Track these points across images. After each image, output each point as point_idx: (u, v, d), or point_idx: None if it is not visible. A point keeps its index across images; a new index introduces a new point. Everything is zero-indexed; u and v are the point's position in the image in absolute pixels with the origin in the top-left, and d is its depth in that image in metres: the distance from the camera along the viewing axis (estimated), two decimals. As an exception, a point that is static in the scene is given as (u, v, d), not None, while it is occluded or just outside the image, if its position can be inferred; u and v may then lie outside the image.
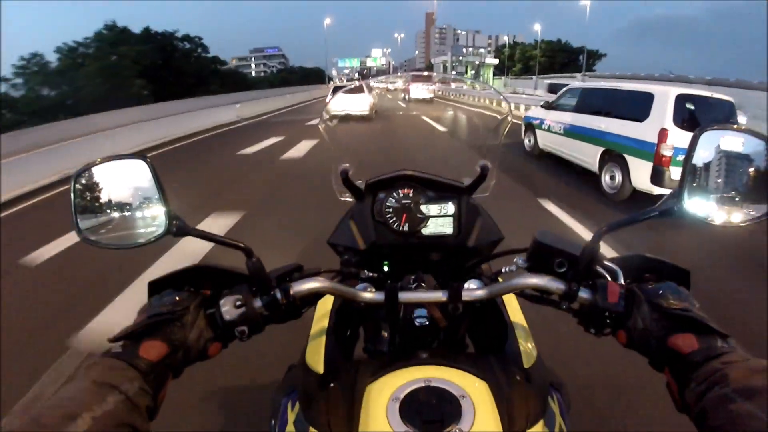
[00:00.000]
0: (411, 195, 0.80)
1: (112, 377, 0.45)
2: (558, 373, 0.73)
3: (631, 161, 4.81)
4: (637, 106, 4.96)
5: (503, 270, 0.73)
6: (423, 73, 27.69)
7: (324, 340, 0.72)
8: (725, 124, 0.56)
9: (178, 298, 0.56)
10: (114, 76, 26.97)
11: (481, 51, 72.29)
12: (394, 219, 0.79)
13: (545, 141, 7.15)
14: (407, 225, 0.79)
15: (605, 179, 5.27)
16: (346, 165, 0.78)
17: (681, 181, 0.55)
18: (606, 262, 0.60)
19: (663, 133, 4.43)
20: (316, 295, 0.65)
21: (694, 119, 4.55)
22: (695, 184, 0.56)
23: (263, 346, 1.63)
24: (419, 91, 23.20)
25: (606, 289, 0.56)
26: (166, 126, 11.60)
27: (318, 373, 0.67)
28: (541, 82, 27.39)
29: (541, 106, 7.33)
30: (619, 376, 2.05)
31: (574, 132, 6.10)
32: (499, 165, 0.86)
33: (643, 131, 4.71)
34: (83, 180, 0.58)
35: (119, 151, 1.33)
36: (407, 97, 23.47)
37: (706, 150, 0.55)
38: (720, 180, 0.56)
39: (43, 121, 12.23)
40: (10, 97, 24.76)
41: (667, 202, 0.56)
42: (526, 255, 0.65)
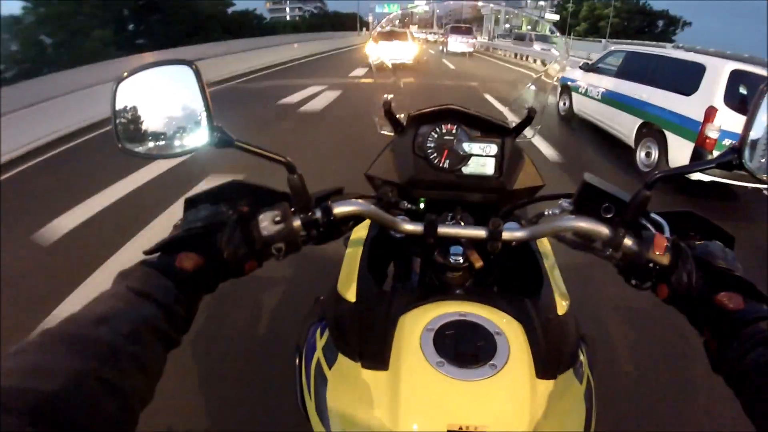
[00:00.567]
0: (454, 131, 0.78)
1: (146, 285, 0.45)
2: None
3: (671, 138, 4.46)
4: (686, 78, 4.53)
5: (546, 213, 0.70)
6: (463, 24, 26.11)
7: (357, 269, 0.72)
8: None
9: (215, 212, 0.57)
10: (61, 28, 21.71)
11: (541, 3, 61.42)
12: (435, 155, 0.78)
13: (580, 106, 6.74)
14: (448, 162, 0.78)
15: (640, 155, 4.95)
16: (390, 96, 0.76)
17: (743, 135, 0.53)
18: (653, 215, 0.59)
19: (711, 112, 4.03)
20: (354, 219, 0.65)
21: (749, 101, 4.14)
22: (758, 140, 0.54)
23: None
24: (457, 44, 22.28)
25: (652, 240, 0.55)
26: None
27: (350, 302, 0.67)
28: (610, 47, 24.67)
29: (580, 68, 6.85)
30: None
31: (612, 99, 5.70)
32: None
33: (689, 107, 4.32)
34: (125, 87, 0.55)
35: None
36: (445, 49, 22.44)
37: None
38: None
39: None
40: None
41: (726, 155, 0.54)
42: (573, 198, 0.63)
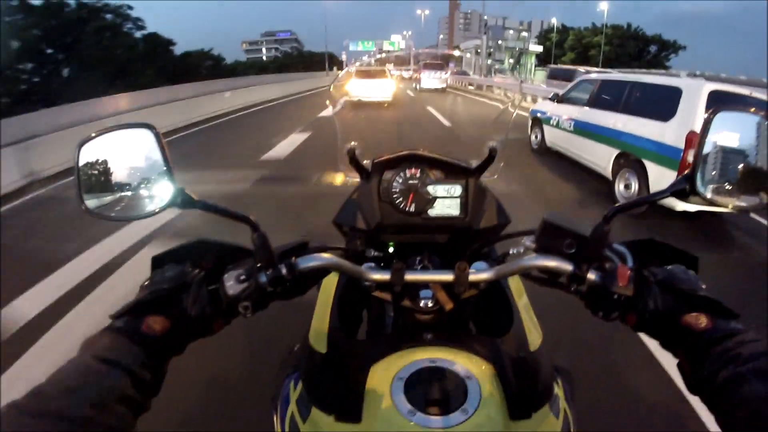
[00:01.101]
0: (418, 175, 0.79)
1: (113, 352, 0.45)
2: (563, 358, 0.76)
3: (651, 168, 4.14)
4: (662, 103, 4.25)
5: (510, 252, 0.73)
6: (436, 61, 26.81)
7: (327, 320, 0.73)
8: (741, 106, 0.57)
9: (180, 272, 0.57)
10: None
11: (524, 35, 55.62)
12: (401, 199, 0.79)
13: (553, 138, 6.49)
14: (414, 206, 0.79)
15: (619, 187, 4.61)
16: (354, 143, 0.77)
17: (694, 163, 0.55)
18: (615, 246, 0.61)
19: (692, 137, 3.72)
20: (321, 272, 0.66)
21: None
22: (709, 167, 0.56)
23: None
24: (430, 80, 22.75)
25: (615, 271, 0.56)
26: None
27: (321, 353, 0.67)
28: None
29: (550, 99, 6.58)
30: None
31: (585, 130, 5.49)
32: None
33: (667, 133, 4.02)
34: (87, 149, 0.57)
35: None
36: (417, 86, 22.89)
37: (720, 132, 0.56)
38: (734, 164, 0.57)
39: None
40: None
41: (679, 184, 0.56)
42: (535, 236, 0.65)
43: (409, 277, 0.64)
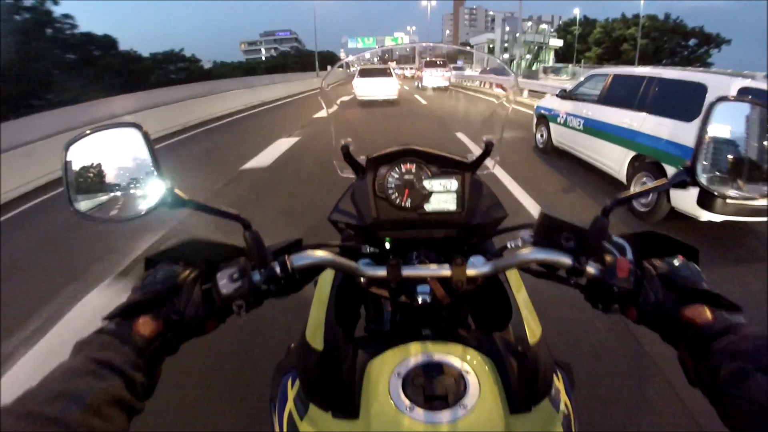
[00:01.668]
0: (413, 171, 0.78)
1: (106, 354, 0.45)
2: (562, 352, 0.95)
3: (672, 173, 3.69)
4: (684, 102, 3.86)
5: (508, 245, 0.72)
6: (437, 60, 26.44)
7: (324, 317, 0.72)
8: (743, 96, 0.58)
9: (172, 272, 0.57)
10: None
11: (544, 27, 49.46)
12: (396, 195, 0.78)
13: (560, 137, 6.12)
14: (410, 201, 0.78)
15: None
16: (348, 140, 0.77)
17: (694, 153, 0.56)
18: (614, 238, 0.61)
19: None
20: (315, 270, 0.66)
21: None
22: (709, 157, 0.56)
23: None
24: (432, 78, 22.52)
25: (615, 264, 0.57)
26: None
27: (318, 350, 0.67)
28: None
29: (557, 95, 6.18)
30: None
31: (596, 129, 5.11)
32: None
33: (691, 135, 3.58)
34: (75, 150, 0.56)
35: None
36: (419, 84, 22.63)
37: (721, 122, 0.56)
38: (735, 154, 0.57)
39: None
40: None
41: (680, 175, 0.57)
42: (533, 230, 0.65)
43: (406, 272, 0.65)
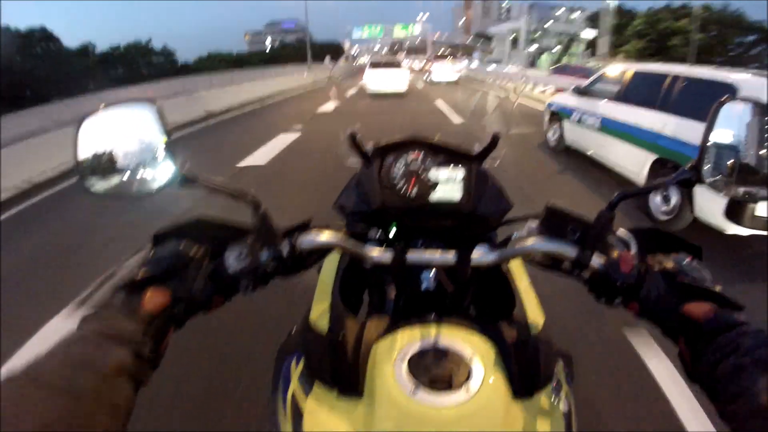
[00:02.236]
0: (419, 160, 0.79)
1: (112, 328, 0.46)
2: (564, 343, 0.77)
3: (698, 182, 3.46)
4: (711, 102, 3.56)
5: (514, 235, 0.72)
6: (447, 53, 25.74)
7: (329, 299, 0.73)
8: (750, 97, 0.59)
9: (181, 248, 0.57)
10: None
11: (575, 17, 43.13)
12: (402, 184, 0.79)
13: (573, 136, 5.91)
14: (415, 191, 0.79)
15: (655, 200, 3.95)
16: (355, 128, 0.78)
17: (700, 152, 0.57)
18: (619, 233, 0.62)
19: None
20: (322, 252, 0.68)
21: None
22: (715, 156, 0.58)
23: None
24: (443, 72, 22.05)
25: (619, 258, 0.58)
26: None
27: (323, 333, 0.68)
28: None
29: (573, 91, 5.92)
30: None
31: (614, 129, 4.86)
32: None
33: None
34: (88, 126, 0.58)
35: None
36: (429, 78, 22.29)
37: (728, 122, 0.57)
38: (739, 153, 0.58)
39: None
40: None
41: (685, 173, 0.59)
42: (539, 221, 0.67)
43: (411, 257, 0.67)
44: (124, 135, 0.58)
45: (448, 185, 0.79)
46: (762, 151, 0.57)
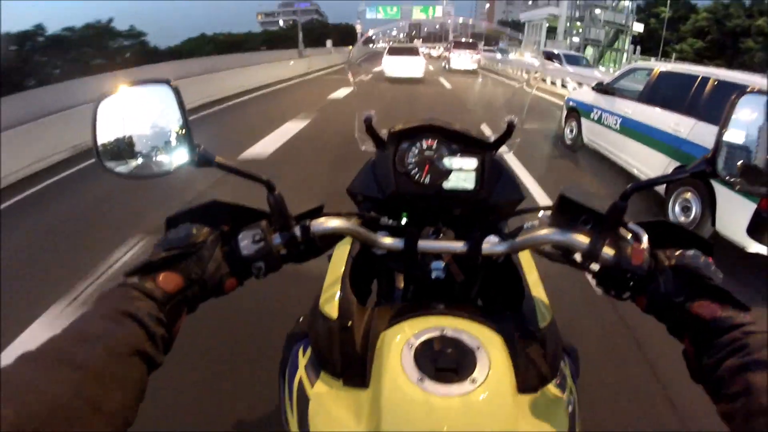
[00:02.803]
0: (434, 147, 0.79)
1: (128, 306, 0.47)
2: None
3: (721, 190, 3.30)
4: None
5: (525, 226, 0.72)
6: (466, 40, 25.03)
7: (339, 286, 0.73)
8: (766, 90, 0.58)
9: (195, 231, 0.58)
10: None
11: (626, 3, 34.29)
12: (416, 170, 0.80)
13: (591, 135, 5.73)
14: (429, 177, 0.79)
15: (674, 209, 3.78)
16: (371, 112, 0.78)
17: (715, 145, 0.57)
18: (631, 225, 0.61)
19: None
20: (335, 237, 0.70)
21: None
22: (730, 149, 0.58)
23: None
24: (461, 60, 22.13)
25: (630, 250, 0.57)
26: None
27: (332, 318, 0.68)
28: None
29: (593, 88, 5.71)
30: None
31: (634, 130, 4.72)
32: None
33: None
34: (105, 107, 0.58)
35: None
36: (447, 66, 22.18)
37: (745, 114, 0.57)
38: (756, 147, 0.57)
39: None
40: None
41: (700, 165, 0.58)
42: (551, 211, 0.67)
43: (422, 245, 0.68)
44: (142, 115, 0.59)
45: (462, 173, 0.79)
46: None
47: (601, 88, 5.59)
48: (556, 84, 14.06)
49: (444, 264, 0.73)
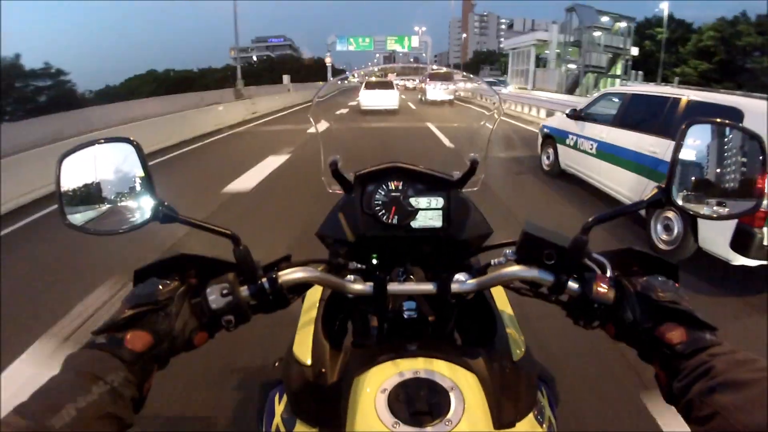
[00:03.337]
0: (400, 188, 0.82)
1: (96, 368, 0.47)
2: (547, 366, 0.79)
3: (702, 210, 3.29)
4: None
5: (492, 263, 0.74)
6: (442, 72, 25.71)
7: (312, 331, 0.75)
8: (716, 119, 0.61)
9: (162, 287, 0.58)
10: None
11: (622, 26, 32.53)
12: (384, 211, 0.81)
13: (568, 160, 5.88)
14: (396, 218, 0.81)
15: (656, 228, 3.80)
16: (336, 156, 0.79)
17: (669, 173, 0.60)
18: (594, 255, 0.63)
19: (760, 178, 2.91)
20: (304, 286, 0.69)
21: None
22: (683, 177, 0.61)
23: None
24: (437, 91, 22.58)
25: (594, 281, 0.59)
26: None
27: (306, 364, 0.70)
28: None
29: (567, 114, 5.84)
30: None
31: (611, 154, 4.84)
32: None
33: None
34: (68, 164, 0.60)
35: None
36: (423, 98, 22.67)
37: (695, 143, 0.61)
38: (708, 174, 0.61)
39: None
40: None
41: (656, 195, 0.61)
42: (515, 247, 0.68)
43: (392, 288, 0.68)
44: (105, 172, 0.60)
45: (429, 212, 0.81)
46: (719, 169, 0.61)
47: (574, 114, 5.73)
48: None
49: (416, 304, 0.75)
